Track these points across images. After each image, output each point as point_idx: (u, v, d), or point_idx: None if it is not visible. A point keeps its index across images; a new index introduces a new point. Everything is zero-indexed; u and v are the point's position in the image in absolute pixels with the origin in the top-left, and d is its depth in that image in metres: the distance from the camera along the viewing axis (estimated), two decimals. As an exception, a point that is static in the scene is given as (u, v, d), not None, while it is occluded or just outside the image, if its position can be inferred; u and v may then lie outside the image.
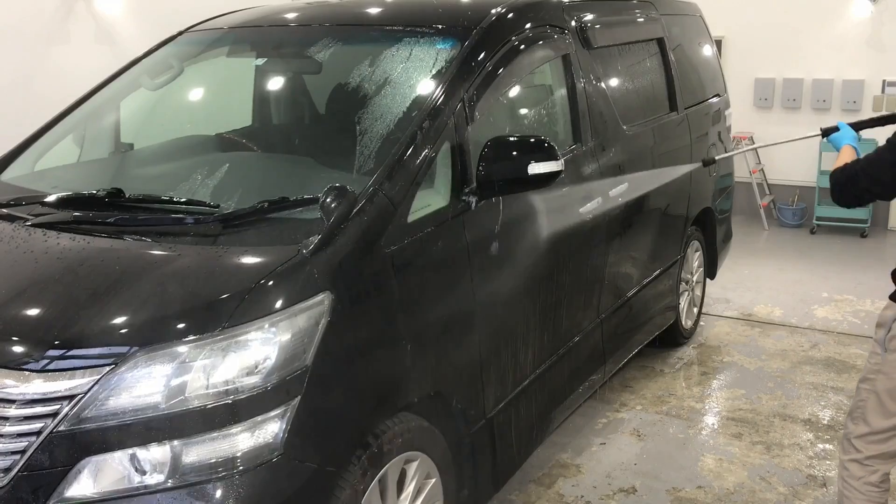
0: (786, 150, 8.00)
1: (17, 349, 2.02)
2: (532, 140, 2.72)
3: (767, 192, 8.17)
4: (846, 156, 2.87)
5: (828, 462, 3.64)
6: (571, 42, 3.51)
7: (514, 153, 2.68)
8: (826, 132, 3.14)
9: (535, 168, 2.67)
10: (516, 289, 3.01)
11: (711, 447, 3.80)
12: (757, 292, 5.95)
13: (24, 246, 2.38)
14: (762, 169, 8.10)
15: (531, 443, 3.26)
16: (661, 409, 4.17)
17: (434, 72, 2.84)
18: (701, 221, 4.94)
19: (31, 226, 2.48)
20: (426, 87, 2.80)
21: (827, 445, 3.78)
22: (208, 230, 2.35)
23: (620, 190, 3.71)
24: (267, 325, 2.07)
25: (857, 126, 3.06)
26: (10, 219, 2.55)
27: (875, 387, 2.61)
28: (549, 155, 2.70)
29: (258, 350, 2.05)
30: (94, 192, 2.62)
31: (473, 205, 2.72)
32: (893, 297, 2.60)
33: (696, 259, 5.01)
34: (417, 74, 2.88)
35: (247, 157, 3.17)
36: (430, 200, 2.61)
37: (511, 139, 2.71)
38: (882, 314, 2.64)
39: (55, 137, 3.29)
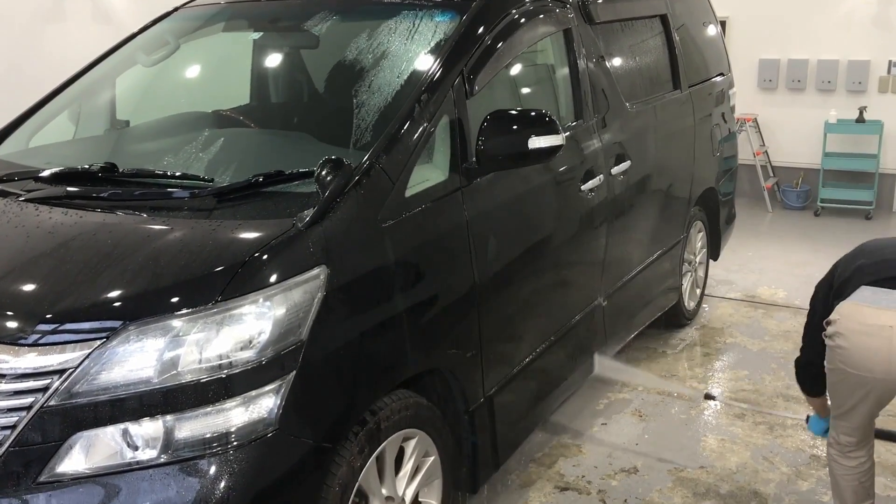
0: (790, 132, 7.96)
1: (7, 323, 1.98)
2: (533, 114, 2.67)
3: (771, 174, 8.10)
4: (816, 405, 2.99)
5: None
6: (573, 16, 3.45)
7: (515, 127, 2.63)
8: (808, 419, 3.15)
9: (536, 142, 2.63)
10: (516, 266, 2.97)
11: (714, 427, 3.77)
12: (760, 274, 5.90)
13: (16, 221, 2.35)
14: (766, 151, 8.04)
15: (531, 422, 3.23)
16: (663, 389, 4.13)
17: (433, 45, 2.79)
18: (704, 202, 4.88)
19: (23, 201, 2.45)
20: (425, 60, 2.75)
21: (830, 426, 3.74)
22: (202, 204, 2.31)
23: (623, 168, 3.66)
24: (261, 300, 2.03)
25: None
26: (3, 194, 2.52)
27: (832, 376, 2.71)
28: (550, 129, 2.66)
29: (252, 324, 2.01)
30: (87, 166, 2.58)
31: (473, 180, 2.68)
32: None
33: (699, 240, 4.96)
34: (416, 47, 2.83)
35: (242, 132, 3.12)
36: (428, 175, 2.57)
37: (511, 113, 2.66)
38: None
39: (50, 114, 3.25)
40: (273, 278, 2.05)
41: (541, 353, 3.19)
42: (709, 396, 3.86)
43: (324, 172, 2.22)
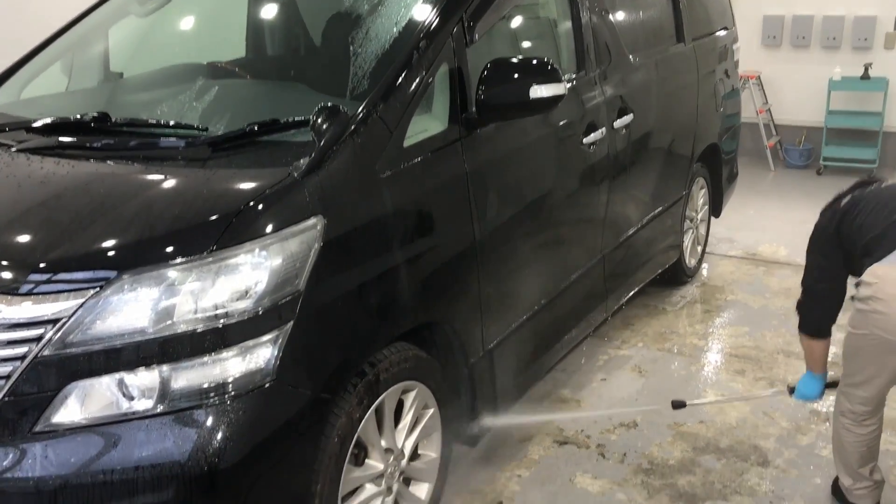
0: (793, 90, 7.85)
1: (0, 273, 1.95)
2: (534, 62, 2.61)
3: (774, 132, 8.02)
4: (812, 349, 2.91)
5: (831, 398, 3.58)
6: (576, -35, 3.37)
7: (516, 76, 2.57)
8: (791, 390, 3.05)
9: (538, 91, 2.57)
10: (517, 220, 2.93)
11: (714, 383, 3.76)
12: (762, 232, 5.87)
13: (8, 171, 2.31)
14: (769, 109, 7.95)
15: (531, 377, 3.22)
16: (663, 346, 4.12)
17: (432, -9, 2.72)
18: (707, 158, 4.83)
19: (15, 151, 2.41)
20: (423, 7, 2.68)
21: (830, 382, 3.74)
22: (196, 153, 2.27)
23: (625, 121, 3.61)
24: (257, 249, 2.00)
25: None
26: (-5, 145, 2.47)
27: (849, 340, 2.66)
28: (552, 77, 2.60)
29: (248, 274, 1.98)
30: (80, 116, 2.53)
31: (473, 130, 2.63)
32: None
33: (701, 196, 4.92)
34: (414, -6, 2.76)
35: (237, 82, 3.06)
36: (427, 125, 2.52)
37: (512, 61, 2.60)
38: None
39: (42, 65, 3.19)
40: (269, 228, 2.02)
41: (541, 308, 3.17)
42: (677, 405, 3.21)
43: (319, 120, 2.17)
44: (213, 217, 2.00)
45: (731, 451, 3.21)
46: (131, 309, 1.90)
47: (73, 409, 1.88)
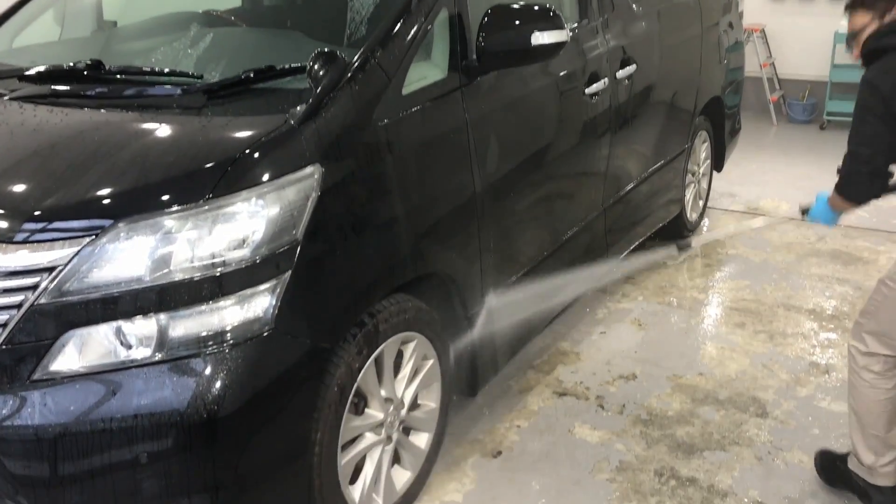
0: (798, 44, 7.74)
1: (-6, 221, 1.93)
2: (536, 8, 2.55)
3: (777, 86, 7.93)
4: (834, 202, 2.61)
5: (831, 350, 3.60)
6: None
7: (517, 22, 2.52)
8: (804, 211, 2.85)
9: (539, 38, 2.52)
10: (518, 171, 2.90)
11: (713, 336, 3.76)
12: (764, 187, 5.83)
13: (0, 119, 2.27)
14: (773, 63, 7.85)
15: (530, 330, 3.22)
16: (664, 299, 4.12)
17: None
18: (709, 111, 4.77)
19: (8, 100, 2.37)
20: (422, -49, 2.62)
21: (830, 335, 3.74)
22: (191, 101, 2.23)
23: (628, 72, 3.55)
24: (254, 198, 1.97)
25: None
26: (-14, 94, 2.43)
27: (891, 294, 2.38)
28: (554, 24, 2.55)
29: (245, 223, 1.96)
30: (73, 64, 2.49)
31: (473, 79, 2.58)
32: None
33: (703, 150, 4.87)
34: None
35: (233, 30, 3.01)
36: (426, 73, 2.48)
37: (513, 7, 2.55)
38: None
39: (33, 13, 3.13)
40: (265, 176, 1.99)
41: (541, 260, 3.16)
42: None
43: (316, 67, 2.13)
44: (209, 165, 1.97)
45: (730, 402, 3.22)
46: (127, 257, 1.88)
47: (71, 357, 1.88)
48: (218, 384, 1.89)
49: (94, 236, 1.88)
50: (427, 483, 2.71)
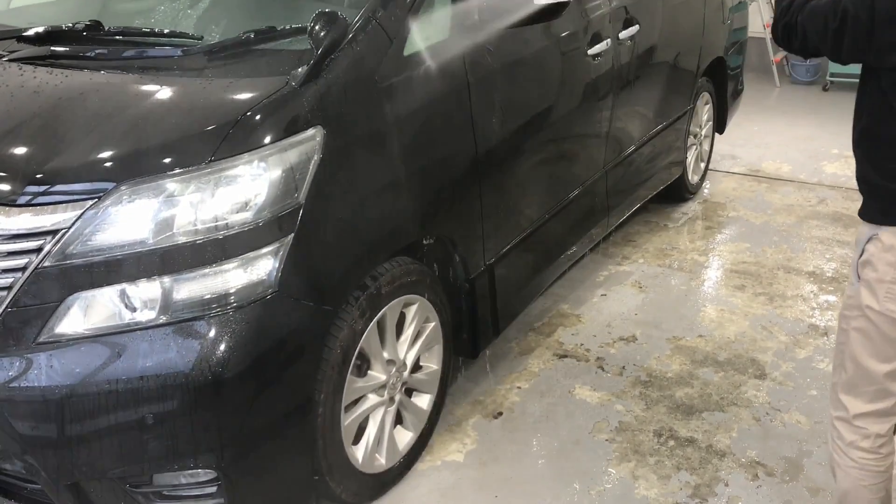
0: (803, 3, 7.64)
1: (-3, 184, 1.93)
2: (538, -32, 2.53)
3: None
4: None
5: (830, 312, 3.62)
6: None
7: (519, -18, 2.50)
8: None
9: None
10: (519, 133, 2.89)
11: (713, 298, 3.78)
12: (765, 149, 5.81)
13: (-1, 81, 2.26)
14: (777, 23, 7.76)
15: (531, 292, 3.23)
16: (664, 262, 4.13)
17: None
18: (712, 72, 4.73)
19: (6, 61, 2.35)
20: None
21: (830, 297, 3.76)
22: (192, 63, 2.22)
23: (631, 32, 3.52)
24: (256, 161, 1.97)
25: None
26: (-16, 55, 2.41)
27: (851, 325, 1.94)
28: (556, -16, 2.52)
29: (247, 185, 1.96)
30: (72, 25, 2.46)
31: (474, 39, 2.56)
32: (861, 214, 1.90)
33: (705, 112, 4.84)
34: None
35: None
36: (428, 34, 2.45)
37: (516, -34, 2.52)
38: (858, 231, 1.94)
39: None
40: (267, 139, 1.99)
41: (543, 223, 3.16)
42: None
43: (317, 27, 2.11)
44: (210, 127, 1.97)
45: (729, 364, 3.25)
46: (130, 220, 1.89)
47: (75, 319, 1.89)
48: (222, 346, 1.91)
49: (96, 199, 1.89)
50: (429, 443, 2.74)
